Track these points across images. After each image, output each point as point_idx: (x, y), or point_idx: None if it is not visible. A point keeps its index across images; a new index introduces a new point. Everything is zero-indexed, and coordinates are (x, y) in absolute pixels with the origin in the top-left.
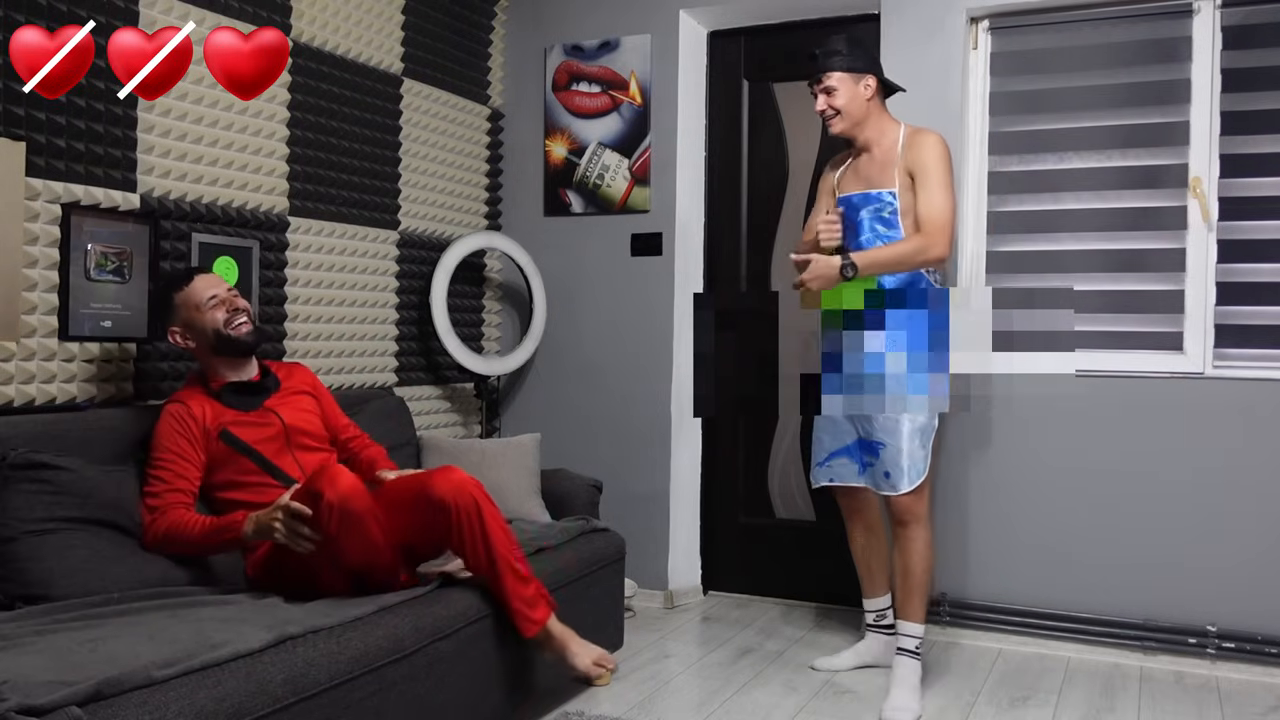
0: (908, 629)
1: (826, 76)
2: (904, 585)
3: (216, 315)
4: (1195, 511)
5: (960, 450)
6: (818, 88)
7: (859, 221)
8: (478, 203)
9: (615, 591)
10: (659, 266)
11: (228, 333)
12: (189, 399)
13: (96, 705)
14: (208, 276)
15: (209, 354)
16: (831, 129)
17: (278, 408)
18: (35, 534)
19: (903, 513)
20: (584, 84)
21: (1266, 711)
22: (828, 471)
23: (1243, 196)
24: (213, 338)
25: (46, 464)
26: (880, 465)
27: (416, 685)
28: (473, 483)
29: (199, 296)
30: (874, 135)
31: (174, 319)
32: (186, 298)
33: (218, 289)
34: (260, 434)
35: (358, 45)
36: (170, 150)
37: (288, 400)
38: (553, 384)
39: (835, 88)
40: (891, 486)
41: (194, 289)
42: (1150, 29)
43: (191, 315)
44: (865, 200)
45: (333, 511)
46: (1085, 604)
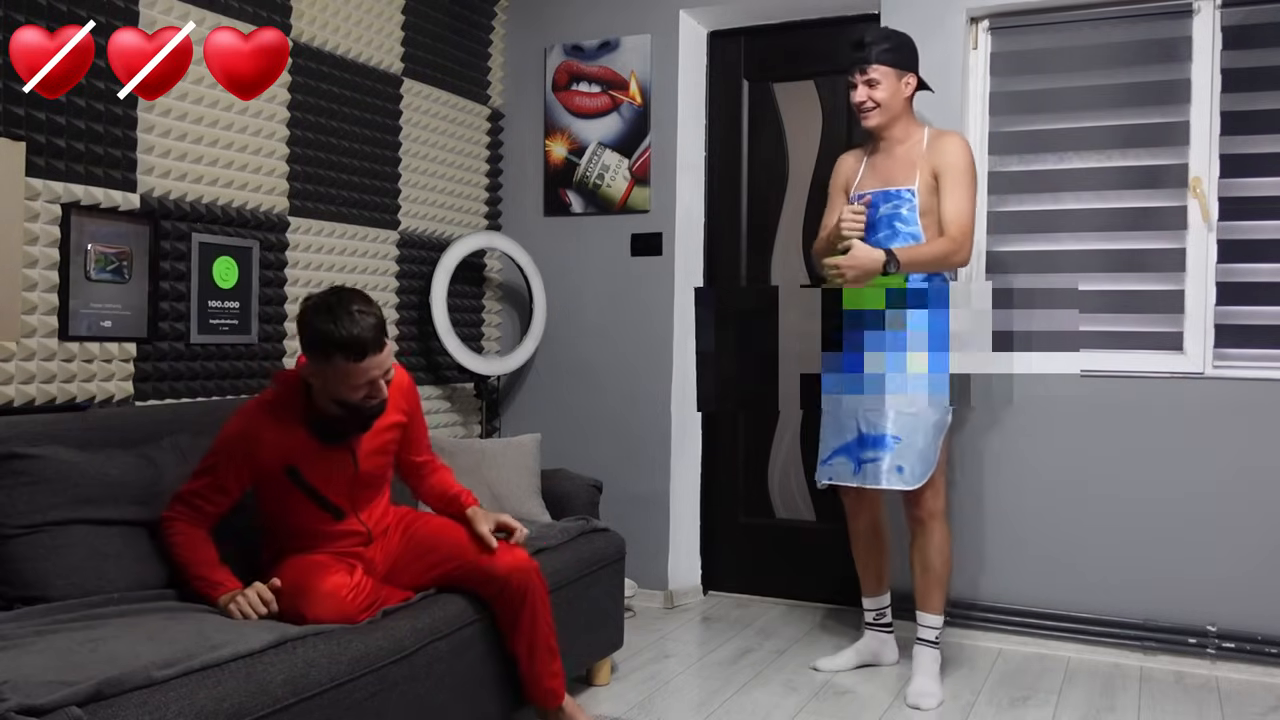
0: (928, 620)
1: (873, 68)
2: (924, 578)
3: (358, 394)
4: (1195, 511)
5: (959, 450)
6: (861, 78)
7: (876, 218)
8: (478, 203)
9: (615, 591)
10: (659, 266)
11: (356, 403)
12: (275, 410)
13: (96, 705)
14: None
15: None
16: (866, 121)
17: (357, 449)
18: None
19: (921, 509)
20: (584, 84)
21: (1266, 711)
22: (829, 470)
23: (1243, 196)
24: (339, 401)
25: (18, 454)
26: (891, 460)
27: (416, 685)
28: (533, 567)
29: (358, 378)
30: (900, 134)
31: (319, 368)
32: (347, 372)
33: (377, 374)
34: (328, 472)
35: (358, 45)
36: (170, 150)
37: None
38: (553, 384)
39: (879, 80)
40: (903, 481)
41: (361, 369)
42: (1150, 29)
43: (337, 384)
44: (885, 197)
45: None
46: (1085, 604)
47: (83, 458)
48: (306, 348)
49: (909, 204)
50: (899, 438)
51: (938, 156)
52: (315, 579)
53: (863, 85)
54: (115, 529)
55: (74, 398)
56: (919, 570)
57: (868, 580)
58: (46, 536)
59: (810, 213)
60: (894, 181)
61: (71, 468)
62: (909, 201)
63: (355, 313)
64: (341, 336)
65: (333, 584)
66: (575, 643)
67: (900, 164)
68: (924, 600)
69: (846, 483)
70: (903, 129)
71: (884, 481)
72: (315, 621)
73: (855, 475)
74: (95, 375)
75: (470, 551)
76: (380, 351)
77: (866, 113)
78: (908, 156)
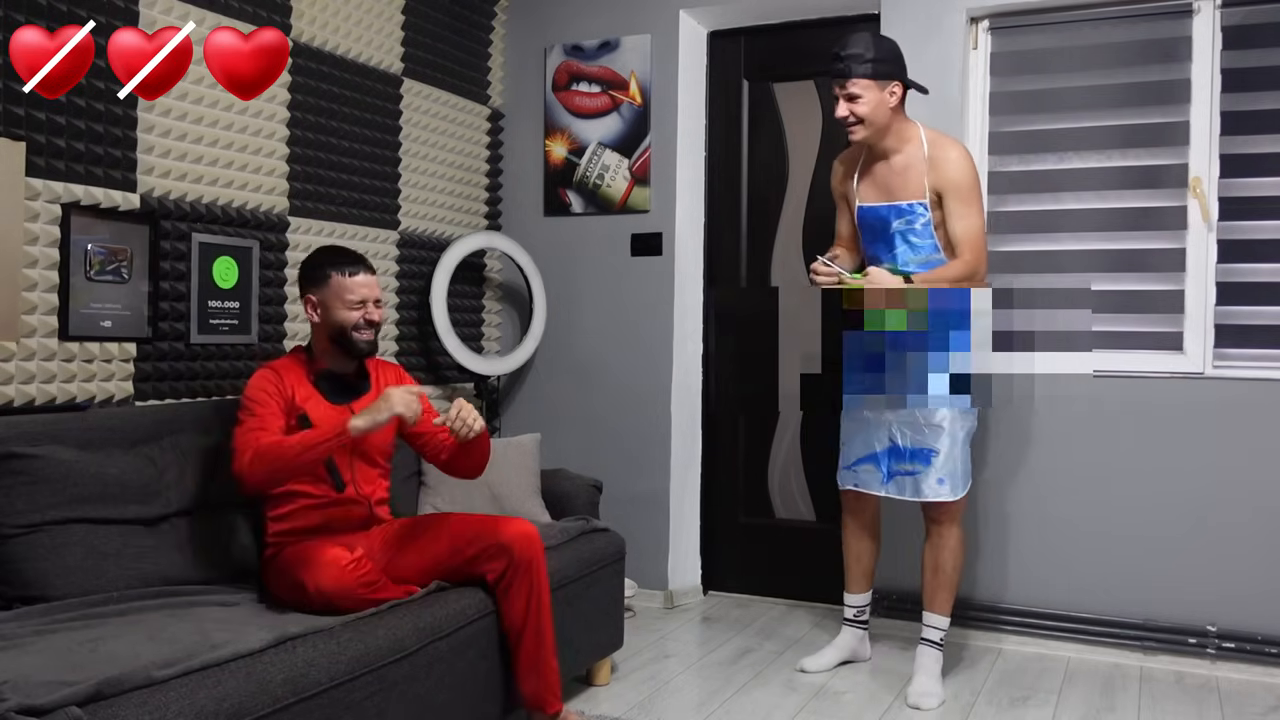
0: (935, 620)
1: (851, 83)
2: (934, 579)
3: (353, 315)
4: (1195, 511)
5: None
6: (840, 92)
7: (890, 235)
8: (478, 203)
9: (615, 591)
10: (659, 266)
11: (351, 334)
12: (284, 370)
13: (96, 705)
14: (370, 279)
15: (324, 337)
16: (852, 136)
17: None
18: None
19: (944, 511)
20: (584, 84)
21: (1266, 711)
22: (853, 476)
23: (1243, 196)
24: (336, 331)
25: (17, 454)
26: (931, 473)
27: (416, 685)
28: (535, 533)
29: (352, 293)
30: (894, 143)
31: (319, 292)
32: (342, 284)
33: (369, 294)
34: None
35: (358, 45)
36: (170, 150)
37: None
38: (553, 384)
39: (859, 95)
40: (948, 493)
41: (353, 283)
42: (1150, 29)
43: (334, 301)
44: (895, 213)
45: (311, 600)
46: (1085, 604)
47: (82, 457)
48: (307, 278)
49: (922, 218)
50: (937, 451)
51: (940, 174)
52: (316, 550)
53: (844, 100)
54: (115, 528)
55: (74, 398)
56: (930, 571)
57: (856, 577)
58: (46, 536)
59: (810, 213)
60: (902, 195)
61: (71, 467)
62: (922, 216)
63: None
64: (337, 249)
65: (333, 554)
66: (575, 643)
67: (903, 175)
68: (931, 600)
69: (874, 492)
70: (895, 137)
71: (928, 494)
72: (315, 591)
73: (885, 485)
74: (95, 375)
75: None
76: (372, 273)
77: (851, 128)
78: (910, 166)
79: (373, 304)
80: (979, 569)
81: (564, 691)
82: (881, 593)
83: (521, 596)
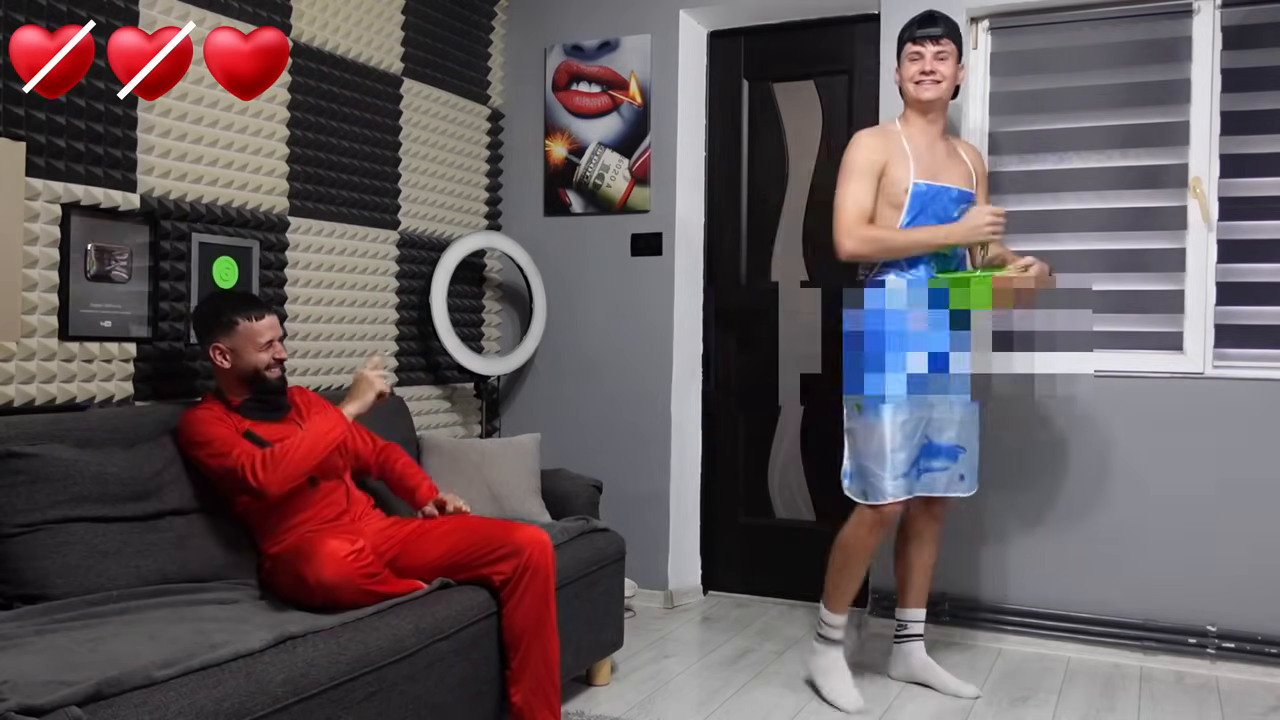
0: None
1: (945, 42)
2: (924, 576)
3: (264, 356)
4: (1195, 511)
5: None
6: (934, 47)
7: (952, 218)
8: (478, 203)
9: (615, 591)
10: (659, 266)
11: (264, 373)
12: (213, 408)
13: (96, 705)
14: (273, 319)
15: (235, 381)
16: (923, 94)
17: (301, 421)
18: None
19: (945, 508)
20: (584, 84)
21: (1266, 711)
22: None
23: (1243, 196)
24: (249, 374)
25: (16, 453)
26: (956, 469)
27: (416, 685)
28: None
29: (261, 335)
30: (941, 121)
31: (229, 339)
32: (251, 329)
33: (274, 334)
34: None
35: (358, 45)
36: (170, 150)
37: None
38: (553, 384)
39: (947, 58)
40: (966, 488)
41: (261, 327)
42: (1150, 29)
43: (245, 346)
44: (964, 197)
45: (313, 593)
46: (1085, 604)
47: (82, 456)
48: (213, 327)
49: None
50: (963, 448)
51: (976, 163)
52: (316, 543)
53: (933, 56)
54: (114, 527)
55: (74, 398)
56: (920, 568)
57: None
58: (46, 535)
59: (810, 213)
60: (961, 182)
61: (70, 466)
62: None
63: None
64: (234, 295)
65: (333, 546)
66: (575, 642)
67: (957, 162)
68: (920, 597)
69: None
70: (942, 117)
71: (948, 489)
72: (318, 584)
73: (917, 483)
74: (95, 375)
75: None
76: (274, 314)
77: (928, 84)
78: (957, 155)
79: (278, 342)
80: (979, 569)
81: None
82: (880, 592)
83: (528, 601)
